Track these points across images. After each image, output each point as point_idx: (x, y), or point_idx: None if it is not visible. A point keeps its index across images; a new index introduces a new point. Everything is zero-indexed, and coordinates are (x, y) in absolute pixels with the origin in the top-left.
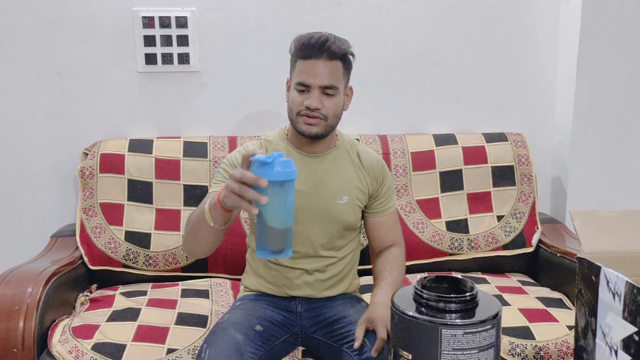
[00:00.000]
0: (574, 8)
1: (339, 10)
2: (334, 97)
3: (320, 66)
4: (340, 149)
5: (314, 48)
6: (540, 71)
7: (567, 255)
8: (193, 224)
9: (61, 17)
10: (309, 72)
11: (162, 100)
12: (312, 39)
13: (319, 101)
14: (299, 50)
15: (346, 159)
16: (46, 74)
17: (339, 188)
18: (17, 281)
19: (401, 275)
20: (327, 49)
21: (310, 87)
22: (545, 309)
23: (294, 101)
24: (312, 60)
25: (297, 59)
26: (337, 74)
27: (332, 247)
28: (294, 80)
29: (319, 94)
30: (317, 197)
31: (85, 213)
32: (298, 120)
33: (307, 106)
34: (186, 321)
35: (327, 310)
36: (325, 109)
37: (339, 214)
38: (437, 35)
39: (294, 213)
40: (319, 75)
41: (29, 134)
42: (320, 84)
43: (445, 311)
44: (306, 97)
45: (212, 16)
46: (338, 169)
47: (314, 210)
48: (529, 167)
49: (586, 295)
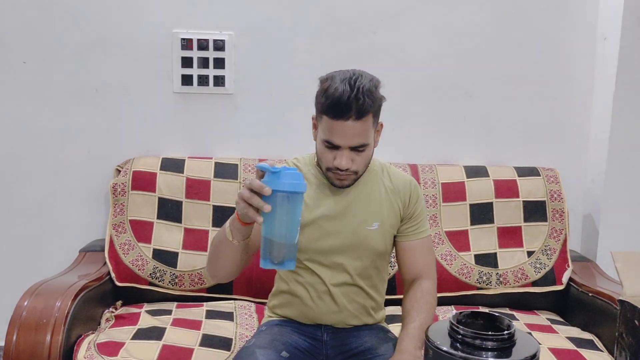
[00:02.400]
0: (611, 46)
1: (374, 38)
2: (365, 150)
3: (349, 128)
4: (371, 173)
5: (343, 110)
6: (575, 107)
7: (599, 295)
8: (215, 242)
9: (103, 37)
10: (338, 132)
11: (196, 120)
12: (341, 98)
13: (349, 160)
14: (327, 109)
15: (377, 183)
16: (84, 91)
17: (369, 214)
18: (46, 295)
19: (430, 315)
20: (357, 110)
21: (339, 147)
22: (577, 350)
23: (323, 156)
24: (341, 122)
25: (322, 114)
26: (367, 130)
27: (366, 275)
28: (322, 134)
29: (349, 153)
30: (347, 224)
31: (114, 229)
32: (329, 175)
33: (336, 166)
34: (211, 343)
35: (353, 340)
36: (355, 166)
37: (369, 240)
38: (471, 67)
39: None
40: (349, 136)
41: (64, 148)
42: (350, 145)
43: (481, 349)
44: (336, 154)
45: (248, 40)
46: (368, 193)
47: (344, 237)
48: (561, 203)
49: (627, 340)
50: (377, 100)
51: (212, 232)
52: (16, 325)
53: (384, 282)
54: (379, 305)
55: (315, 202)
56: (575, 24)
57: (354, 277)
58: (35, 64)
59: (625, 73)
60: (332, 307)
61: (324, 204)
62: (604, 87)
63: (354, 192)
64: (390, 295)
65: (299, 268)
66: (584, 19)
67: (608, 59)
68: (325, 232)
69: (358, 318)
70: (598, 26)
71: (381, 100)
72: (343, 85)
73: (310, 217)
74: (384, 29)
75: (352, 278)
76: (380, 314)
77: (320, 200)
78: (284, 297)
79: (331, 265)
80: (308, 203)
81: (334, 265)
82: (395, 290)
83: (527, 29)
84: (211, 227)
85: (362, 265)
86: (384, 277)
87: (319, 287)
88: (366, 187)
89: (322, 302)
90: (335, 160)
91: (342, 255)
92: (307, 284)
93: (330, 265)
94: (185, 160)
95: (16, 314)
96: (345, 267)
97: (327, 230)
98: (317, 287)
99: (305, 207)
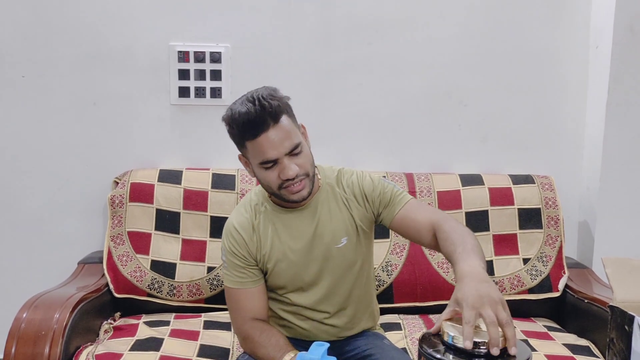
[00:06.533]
0: (603, 54)
1: (369, 49)
2: (302, 150)
3: (273, 135)
4: (324, 188)
5: (257, 123)
6: (568, 115)
7: (595, 302)
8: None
9: (100, 50)
10: (267, 147)
11: (193, 132)
12: (249, 114)
13: (293, 166)
14: (243, 132)
15: (332, 198)
16: (82, 104)
17: (335, 232)
18: (45, 306)
19: (472, 238)
20: (270, 115)
21: (277, 159)
22: (573, 357)
23: (269, 179)
24: (263, 135)
25: (243, 141)
26: (290, 131)
27: (348, 290)
28: (255, 160)
29: (289, 160)
30: (317, 249)
31: (113, 241)
32: (283, 193)
33: (285, 179)
34: (208, 353)
35: (349, 348)
36: (302, 168)
37: (341, 257)
38: (466, 76)
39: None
40: (278, 144)
41: (62, 161)
42: (285, 152)
43: (474, 356)
44: (279, 170)
45: (245, 52)
46: (327, 212)
47: (318, 262)
48: (556, 210)
49: (618, 345)
50: (282, 99)
51: (210, 242)
52: (15, 337)
53: (371, 287)
54: (372, 311)
55: (280, 237)
56: (567, 32)
57: (337, 295)
58: (34, 77)
59: (618, 80)
60: (322, 328)
61: (290, 236)
62: (597, 95)
63: (316, 216)
64: (386, 304)
65: (279, 307)
66: (576, 28)
67: (600, 67)
68: (300, 264)
69: (351, 329)
70: (590, 35)
71: (286, 100)
72: (244, 106)
73: (282, 253)
74: (378, 39)
75: (335, 297)
76: (373, 318)
77: (285, 233)
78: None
79: (312, 292)
80: (274, 240)
81: (315, 292)
82: (393, 299)
83: (521, 38)
84: (209, 237)
85: (342, 282)
86: (365, 283)
87: (305, 314)
88: (324, 206)
89: (312, 327)
90: (282, 173)
91: (321, 280)
92: (293, 315)
93: (312, 292)
94: (183, 171)
95: (15, 326)
96: (326, 290)
97: (301, 261)
98: (304, 315)
99: (273, 244)
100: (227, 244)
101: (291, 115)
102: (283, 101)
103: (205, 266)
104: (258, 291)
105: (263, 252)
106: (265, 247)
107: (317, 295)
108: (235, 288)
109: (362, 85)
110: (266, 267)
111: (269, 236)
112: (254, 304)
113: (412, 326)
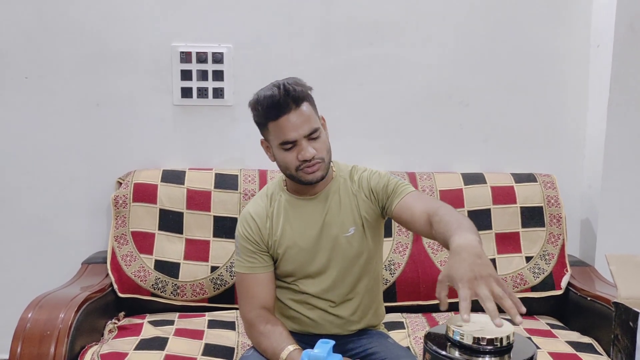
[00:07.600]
0: (604, 53)
1: (371, 50)
2: (320, 136)
3: (294, 118)
4: (337, 180)
5: (281, 105)
6: (570, 113)
7: (598, 299)
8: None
9: (103, 51)
10: (287, 128)
11: (196, 132)
12: (274, 97)
13: (310, 148)
14: (267, 114)
15: (344, 189)
16: (85, 105)
17: (343, 221)
18: (49, 307)
19: (468, 221)
20: (292, 99)
21: (296, 141)
22: (576, 354)
23: (287, 160)
24: (284, 117)
25: (267, 122)
26: (310, 115)
27: (352, 280)
28: (275, 141)
29: (307, 143)
30: (327, 237)
31: (116, 241)
32: (300, 174)
33: (303, 160)
34: (213, 352)
35: (353, 346)
36: (319, 152)
37: (348, 246)
38: (467, 76)
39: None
40: (298, 126)
41: (66, 162)
42: (304, 134)
43: (479, 352)
44: (297, 151)
45: (247, 53)
46: (339, 202)
47: (327, 250)
48: (559, 208)
49: (623, 342)
50: (305, 87)
51: (214, 242)
52: (20, 337)
53: (377, 284)
54: (377, 306)
55: (291, 224)
56: (569, 32)
57: (343, 285)
58: (37, 78)
59: (619, 79)
60: (328, 318)
61: (301, 224)
62: (598, 93)
63: (327, 204)
64: (389, 303)
65: (287, 297)
66: (577, 27)
67: (601, 66)
68: (310, 251)
69: (356, 322)
70: (591, 34)
71: (309, 89)
72: (270, 90)
73: (292, 240)
74: (379, 40)
75: (341, 286)
76: (378, 315)
77: (297, 221)
78: (282, 319)
79: (320, 280)
80: (285, 227)
81: (322, 279)
82: (396, 298)
83: (521, 37)
84: (212, 237)
85: (346, 272)
86: (374, 277)
87: (312, 302)
88: (335, 196)
89: (318, 316)
90: (300, 154)
91: (328, 269)
92: (300, 304)
93: (319, 280)
94: (186, 171)
95: (20, 326)
96: (334, 279)
97: (310, 249)
98: (311, 303)
99: (284, 231)
100: (241, 229)
101: (312, 103)
102: (306, 89)
103: (208, 266)
104: (267, 278)
105: (274, 238)
106: (277, 233)
107: (324, 284)
108: (245, 273)
109: (363, 86)
110: (277, 252)
111: (281, 223)
112: (262, 290)
113: (415, 325)
